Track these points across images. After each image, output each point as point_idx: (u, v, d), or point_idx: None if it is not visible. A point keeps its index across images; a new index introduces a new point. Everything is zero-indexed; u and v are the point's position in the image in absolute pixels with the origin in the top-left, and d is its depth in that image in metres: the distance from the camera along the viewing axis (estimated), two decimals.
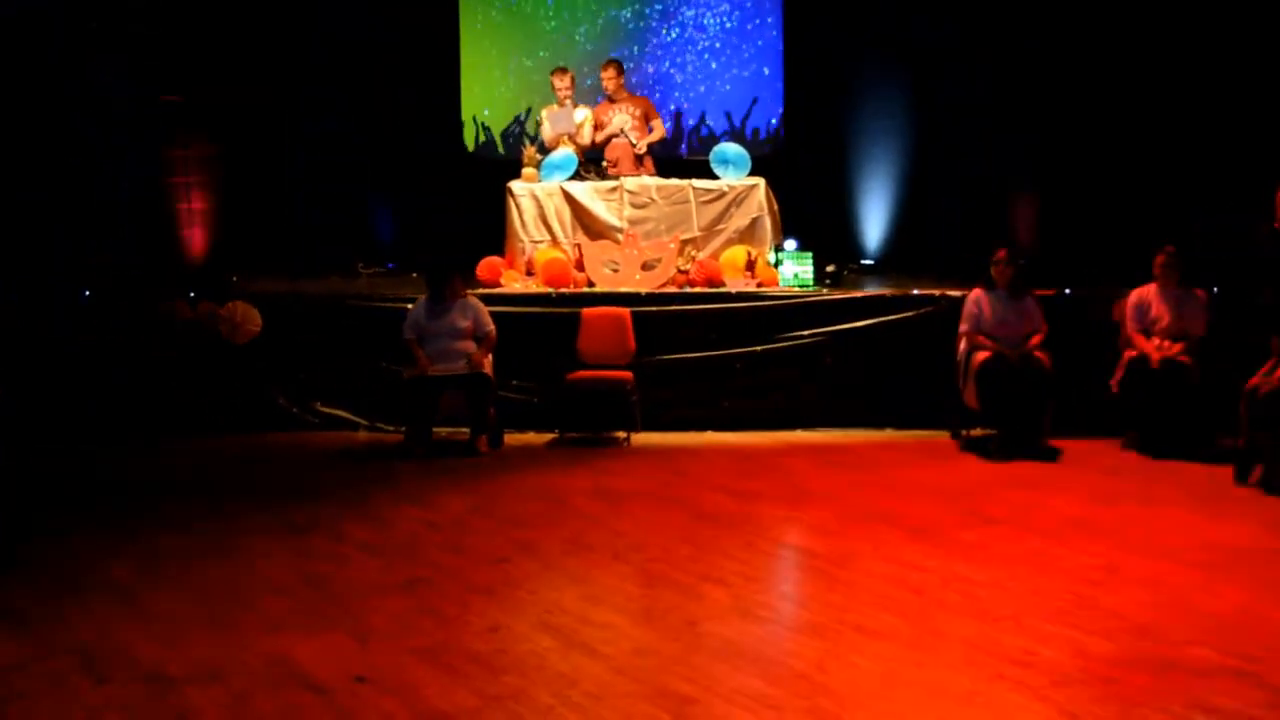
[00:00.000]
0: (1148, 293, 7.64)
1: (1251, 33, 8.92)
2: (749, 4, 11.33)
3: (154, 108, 10.16)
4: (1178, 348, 7.41)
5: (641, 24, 11.36)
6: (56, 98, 9.70)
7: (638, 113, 9.66)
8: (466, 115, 11.51)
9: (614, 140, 9.60)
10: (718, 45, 11.33)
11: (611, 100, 9.72)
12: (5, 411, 6.92)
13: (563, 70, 9.82)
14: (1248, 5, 9.05)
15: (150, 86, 10.15)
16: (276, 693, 3.84)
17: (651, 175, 9.45)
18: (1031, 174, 10.28)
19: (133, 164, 10.06)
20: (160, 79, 10.21)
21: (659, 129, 9.78)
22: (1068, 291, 8.39)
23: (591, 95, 10.38)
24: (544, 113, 9.85)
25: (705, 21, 11.32)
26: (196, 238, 10.49)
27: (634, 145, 9.54)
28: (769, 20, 11.30)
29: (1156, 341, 7.48)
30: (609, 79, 9.68)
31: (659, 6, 11.36)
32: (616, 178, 9.33)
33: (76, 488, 6.96)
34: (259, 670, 4.02)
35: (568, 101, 9.68)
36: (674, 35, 11.34)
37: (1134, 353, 7.54)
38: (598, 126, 9.64)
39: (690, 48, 11.33)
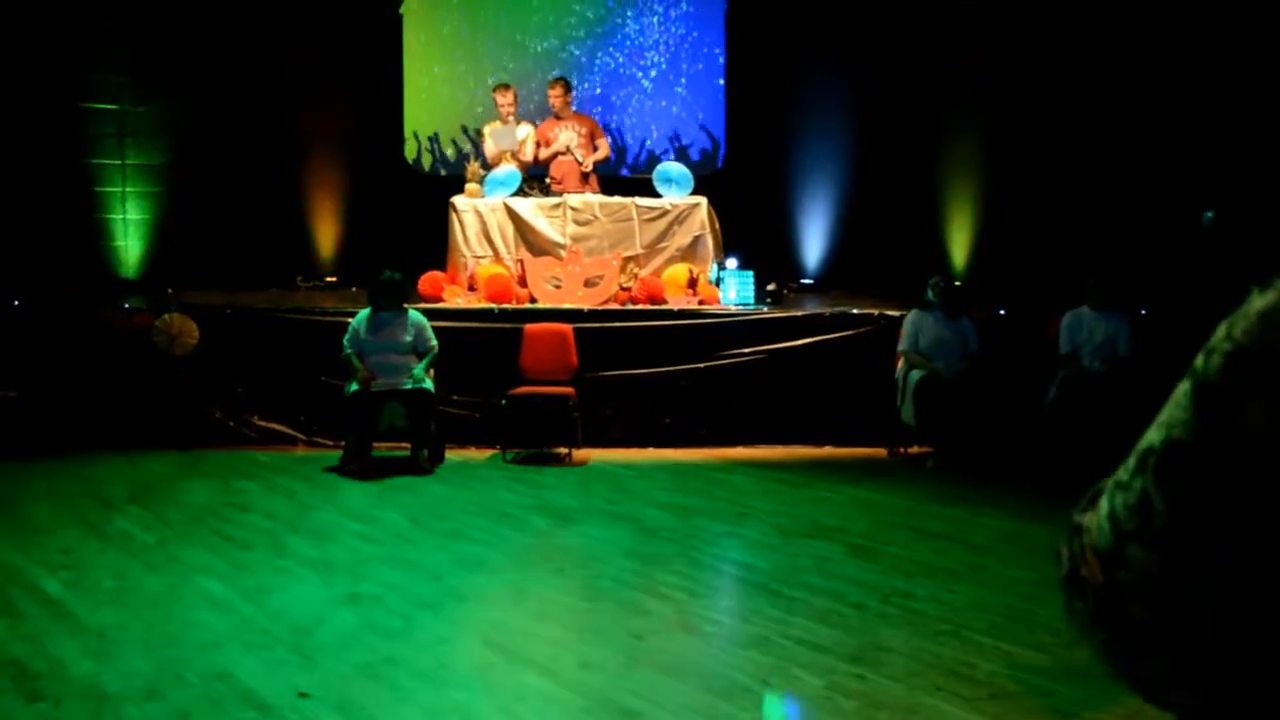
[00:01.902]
0: (1080, 313, 7.83)
1: (1184, 59, 9.18)
2: (692, 24, 11.43)
3: (77, 114, 10.00)
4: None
5: (586, 42, 11.41)
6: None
7: (584, 131, 9.69)
8: (409, 129, 11.47)
9: (559, 158, 9.62)
10: (661, 65, 11.41)
11: (558, 117, 9.74)
12: None
13: (505, 87, 9.83)
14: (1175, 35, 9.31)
15: (72, 95, 10.00)
16: (218, 710, 3.79)
17: (596, 193, 9.49)
18: (970, 194, 10.48)
19: (58, 171, 9.89)
20: (88, 88, 10.07)
21: (604, 148, 9.83)
22: (1002, 312, 8.57)
23: (534, 113, 10.41)
24: (486, 129, 9.85)
25: (648, 41, 11.40)
26: (131, 248, 10.32)
27: (580, 163, 9.57)
28: (711, 40, 11.42)
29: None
30: (556, 96, 9.71)
31: (603, 26, 11.42)
32: (560, 194, 9.35)
33: (8, 499, 6.79)
34: (199, 687, 3.97)
35: (510, 118, 9.69)
36: (618, 55, 11.40)
37: (1067, 372, 7.73)
38: (544, 143, 9.66)
39: (634, 67, 11.41)
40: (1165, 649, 0.74)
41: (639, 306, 8.74)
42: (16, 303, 8.68)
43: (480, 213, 9.22)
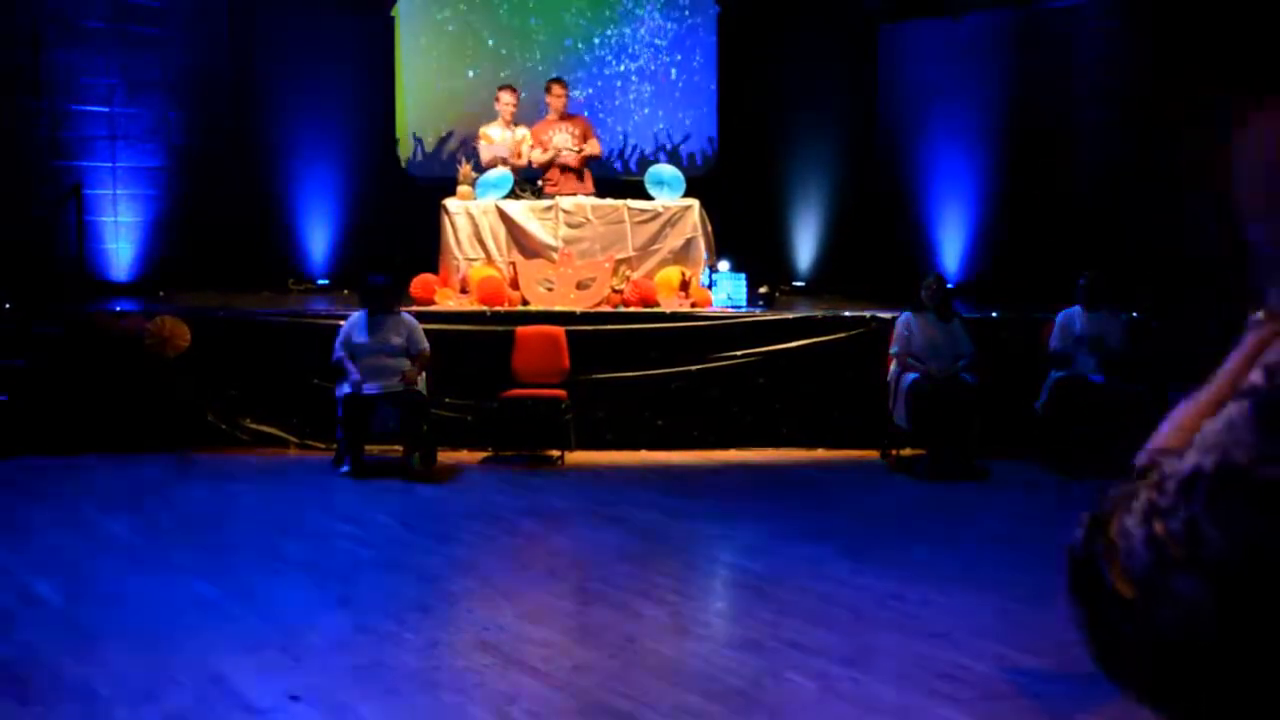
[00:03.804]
0: (1073, 314, 7.85)
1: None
2: (684, 27, 11.45)
3: (68, 116, 9.98)
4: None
5: (579, 45, 11.42)
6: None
7: (576, 132, 9.68)
8: (401, 132, 11.46)
9: (554, 159, 9.61)
10: (653, 68, 11.43)
11: (553, 119, 9.73)
12: None
13: (511, 88, 9.79)
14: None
15: (63, 97, 9.97)
16: (210, 712, 3.79)
17: (590, 193, 9.48)
18: (962, 196, 10.50)
19: (49, 174, 9.86)
20: (79, 90, 10.05)
21: (595, 145, 9.82)
22: (995, 315, 8.59)
23: (527, 116, 10.38)
24: (483, 131, 9.80)
25: (641, 44, 11.41)
26: (123, 251, 10.29)
27: (572, 163, 9.56)
28: (704, 43, 11.43)
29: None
30: (555, 97, 9.69)
31: (597, 29, 11.43)
32: (552, 196, 9.35)
33: (0, 502, 6.78)
34: (192, 689, 3.96)
35: (510, 120, 9.64)
36: (611, 57, 11.41)
37: (1059, 374, 7.74)
38: (539, 145, 9.64)
39: (626, 70, 11.42)
40: (1200, 674, 0.70)
41: (631, 309, 8.74)
42: (8, 305, 8.65)
43: (472, 215, 9.21)
